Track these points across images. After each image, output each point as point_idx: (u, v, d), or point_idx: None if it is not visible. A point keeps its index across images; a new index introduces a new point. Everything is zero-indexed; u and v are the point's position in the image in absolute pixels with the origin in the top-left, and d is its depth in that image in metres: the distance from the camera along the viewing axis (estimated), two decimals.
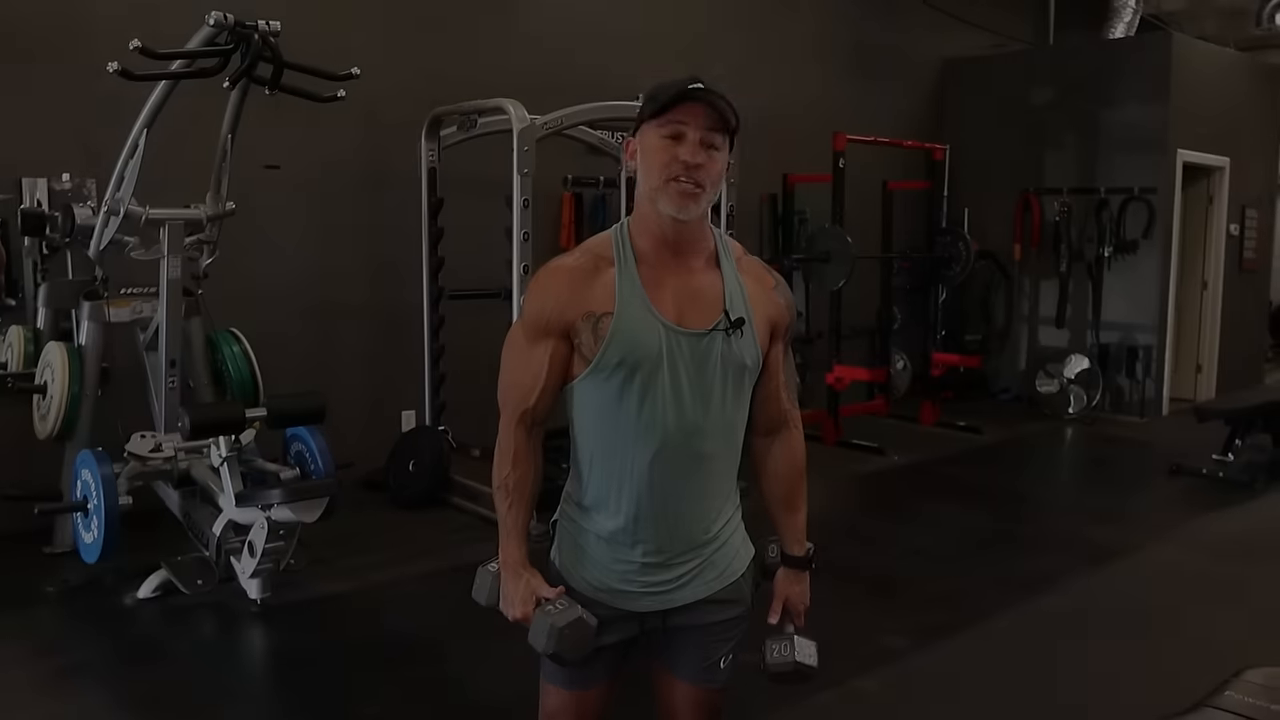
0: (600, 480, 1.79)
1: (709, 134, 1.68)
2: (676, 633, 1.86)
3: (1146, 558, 4.81)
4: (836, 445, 6.99)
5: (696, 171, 1.68)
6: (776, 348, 1.86)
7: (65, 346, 4.41)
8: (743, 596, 1.90)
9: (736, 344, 1.76)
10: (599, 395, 1.74)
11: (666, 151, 1.69)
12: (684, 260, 1.76)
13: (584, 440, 1.80)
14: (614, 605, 1.81)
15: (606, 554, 1.80)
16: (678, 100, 1.67)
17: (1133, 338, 8.16)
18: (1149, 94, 7.95)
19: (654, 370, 1.71)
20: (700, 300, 1.75)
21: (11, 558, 4.44)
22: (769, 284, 1.84)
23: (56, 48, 4.70)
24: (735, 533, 1.90)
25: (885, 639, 3.77)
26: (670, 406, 1.72)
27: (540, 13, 6.39)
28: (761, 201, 7.72)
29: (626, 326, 1.70)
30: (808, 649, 1.92)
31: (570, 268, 1.75)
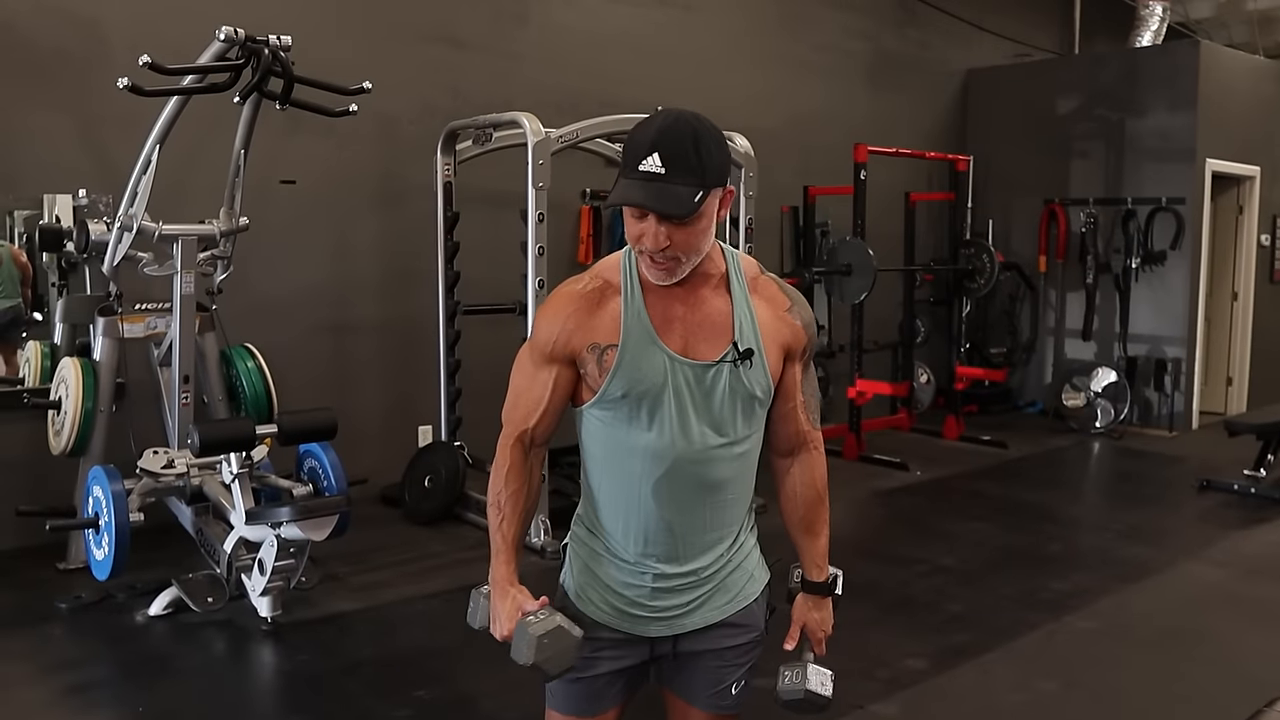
0: (609, 504, 1.76)
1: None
2: (687, 658, 1.82)
3: (1176, 576, 4.69)
4: (858, 460, 6.90)
5: (664, 252, 1.61)
6: (793, 369, 1.80)
7: (79, 362, 4.40)
8: (756, 621, 1.85)
9: (745, 375, 1.70)
10: (606, 423, 1.71)
11: (634, 226, 1.62)
12: (692, 288, 1.71)
13: (593, 465, 1.77)
14: (624, 629, 1.77)
15: (617, 577, 1.77)
16: (626, 199, 1.58)
17: (1161, 350, 8.02)
18: (1177, 103, 7.84)
19: (659, 401, 1.67)
20: (708, 329, 1.70)
21: (26, 573, 4.44)
22: (783, 306, 1.77)
23: (76, 64, 4.72)
24: (749, 557, 1.85)
25: (906, 661, 3.68)
26: (677, 436, 1.68)
27: (557, 26, 6.36)
28: (782, 214, 7.66)
29: (631, 360, 1.66)
30: (822, 678, 1.85)
31: (578, 295, 1.71)
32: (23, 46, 4.62)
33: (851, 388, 6.97)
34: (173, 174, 4.57)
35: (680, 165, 1.56)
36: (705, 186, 1.58)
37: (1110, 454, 7.47)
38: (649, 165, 1.56)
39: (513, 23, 6.20)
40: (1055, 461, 7.21)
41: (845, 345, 7.30)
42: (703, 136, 1.58)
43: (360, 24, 5.59)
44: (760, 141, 5.83)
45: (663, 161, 1.56)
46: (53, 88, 4.70)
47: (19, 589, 4.29)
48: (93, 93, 4.66)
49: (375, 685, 3.45)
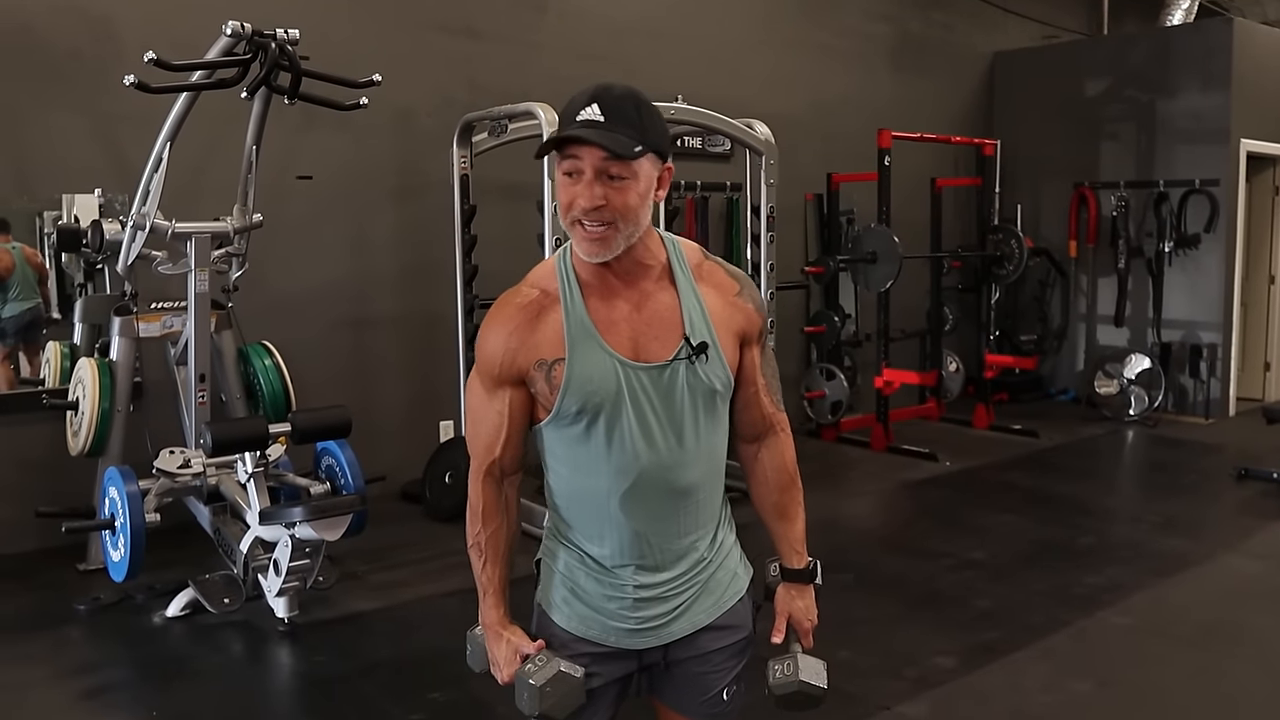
0: (579, 520, 1.68)
1: (606, 164, 1.50)
2: (677, 666, 1.74)
3: (1214, 570, 4.56)
4: (886, 451, 6.80)
5: (598, 213, 1.51)
6: (751, 354, 1.71)
7: (96, 362, 4.38)
8: (743, 621, 1.77)
9: (702, 369, 1.61)
10: (565, 439, 1.63)
11: (566, 191, 1.53)
12: (633, 284, 1.61)
13: (558, 482, 1.69)
14: (608, 643, 1.69)
15: (596, 591, 1.68)
16: (563, 140, 1.51)
17: (1196, 335, 7.85)
18: (1210, 82, 7.66)
19: (616, 411, 1.58)
20: (657, 327, 1.61)
21: (47, 574, 4.44)
22: (731, 290, 1.68)
23: (90, 63, 4.70)
24: (730, 555, 1.77)
25: (934, 659, 3.59)
26: (640, 445, 1.59)
27: (575, 13, 6.29)
28: (806, 201, 7.55)
29: (580, 372, 1.57)
30: (814, 668, 1.77)
31: (517, 309, 1.62)
32: (39, 48, 4.60)
33: (879, 377, 6.87)
34: (186, 172, 4.55)
35: (619, 117, 1.50)
36: (645, 143, 1.51)
37: (1145, 443, 7.32)
38: (587, 114, 1.49)
39: (531, 11, 6.13)
40: (1088, 451, 7.07)
41: (872, 334, 7.20)
42: (643, 102, 1.53)
43: (376, 15, 5.54)
44: (781, 128, 5.74)
45: (602, 112, 1.49)
46: (69, 88, 4.68)
47: (39, 590, 4.28)
48: (107, 92, 4.62)
49: (391, 687, 3.41)
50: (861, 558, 4.65)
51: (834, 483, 6.14)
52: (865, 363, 7.35)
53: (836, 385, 7.04)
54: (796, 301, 7.37)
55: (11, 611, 4.07)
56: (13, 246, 4.72)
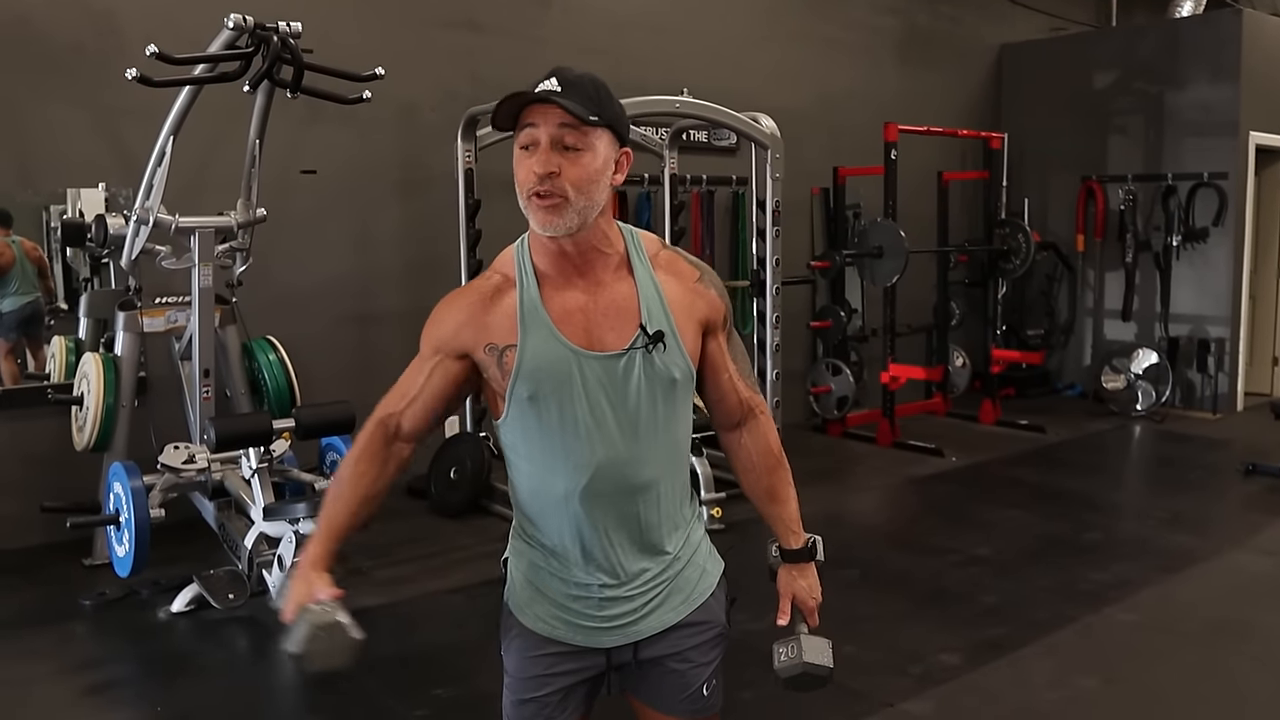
0: (540, 518, 1.66)
1: (561, 132, 1.50)
2: (650, 664, 1.72)
3: (1222, 566, 4.54)
4: (892, 446, 6.77)
5: (551, 180, 1.50)
6: (716, 341, 1.70)
7: (100, 357, 4.38)
8: (715, 616, 1.75)
9: (660, 359, 1.59)
10: (521, 433, 1.61)
11: (522, 165, 1.53)
12: (591, 274, 1.60)
13: (518, 479, 1.67)
14: (576, 642, 1.68)
15: (561, 590, 1.67)
16: (517, 106, 1.51)
17: (1204, 330, 7.82)
18: (1219, 74, 7.61)
19: (570, 402, 1.57)
20: (613, 317, 1.59)
21: (53, 569, 4.44)
22: (691, 277, 1.67)
23: (92, 57, 4.69)
24: (698, 550, 1.75)
25: (939, 655, 3.57)
26: (594, 438, 1.58)
27: (577, 8, 6.27)
28: (812, 195, 7.53)
29: (531, 357, 1.56)
30: (819, 648, 1.75)
31: (472, 290, 1.63)
32: (39, 41, 4.60)
33: (885, 372, 6.85)
34: (190, 166, 4.54)
35: (576, 91, 1.51)
36: (601, 116, 1.51)
37: (1152, 438, 7.28)
38: (545, 86, 1.50)
39: (534, 5, 6.11)
40: (1095, 446, 7.04)
41: (878, 329, 7.17)
42: (600, 83, 1.54)
43: (379, 9, 5.53)
44: (787, 122, 5.71)
45: (560, 84, 1.50)
46: (71, 81, 4.68)
47: (45, 585, 4.29)
48: (110, 85, 4.60)
49: (395, 683, 3.40)
50: (867, 553, 4.63)
51: (839, 478, 6.13)
52: (871, 358, 7.33)
53: (842, 380, 7.02)
54: (802, 296, 7.35)
55: (16, 606, 4.08)
56: (13, 240, 4.72)
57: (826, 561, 1.85)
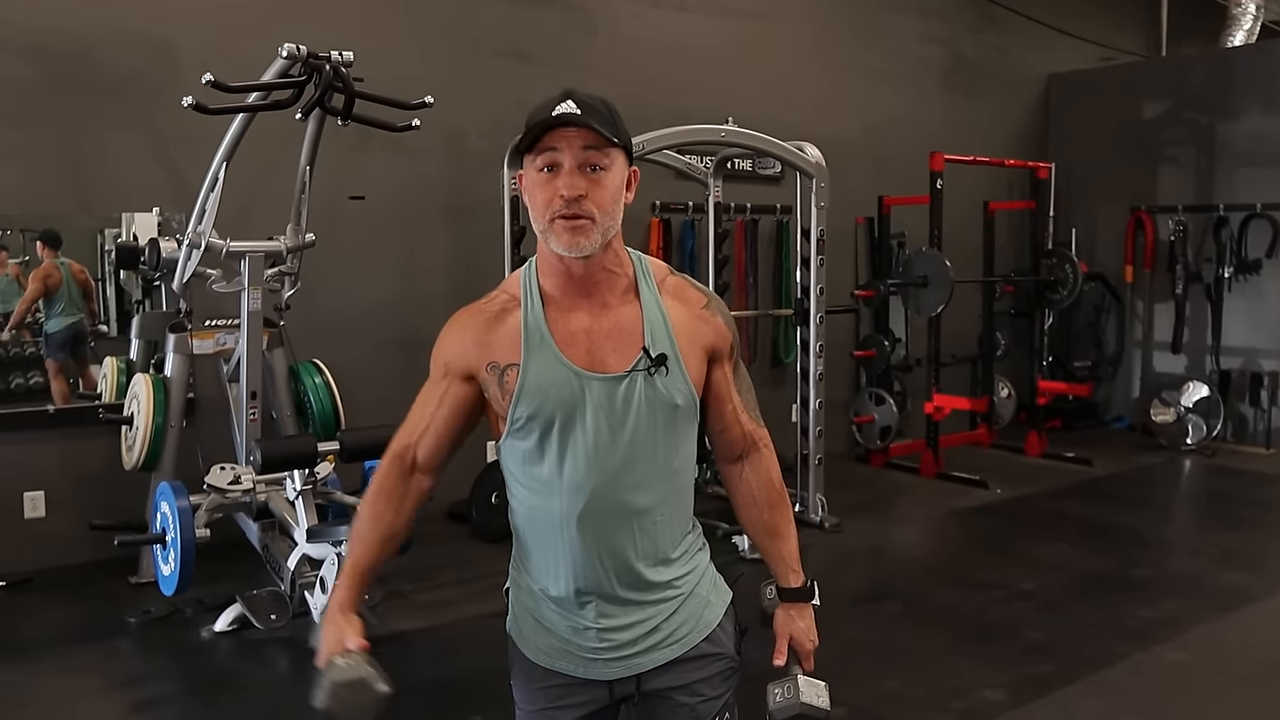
0: (536, 545, 1.65)
1: (586, 154, 1.51)
2: (656, 698, 1.69)
3: (1276, 605, 4.43)
4: (935, 478, 6.70)
5: (579, 203, 1.50)
6: (722, 370, 1.68)
7: (151, 378, 4.45)
8: (725, 648, 1.71)
9: (662, 383, 1.58)
10: (520, 454, 1.61)
11: (545, 188, 1.52)
12: (598, 297, 1.60)
13: (516, 503, 1.67)
14: (575, 675, 1.66)
15: (560, 620, 1.65)
16: (543, 129, 1.51)
17: (1256, 363, 7.67)
18: (1272, 104, 7.51)
19: (570, 423, 1.56)
20: (617, 339, 1.59)
21: (100, 586, 4.51)
22: (698, 303, 1.66)
23: (150, 85, 4.80)
24: (702, 580, 1.71)
25: (984, 692, 3.51)
26: (592, 461, 1.56)
27: (624, 37, 6.31)
28: (857, 225, 7.50)
29: (533, 377, 1.56)
30: (815, 689, 1.72)
31: (477, 310, 1.64)
32: (100, 70, 4.71)
33: (929, 402, 6.78)
34: (241, 191, 4.62)
35: (595, 113, 1.52)
36: (619, 139, 1.54)
37: (1202, 472, 7.14)
38: (564, 109, 1.51)
39: (581, 35, 6.17)
40: (1143, 480, 6.92)
41: (922, 359, 7.12)
42: (611, 104, 1.56)
43: (428, 38, 5.61)
44: (832, 151, 5.71)
45: (577, 105, 1.51)
46: (128, 109, 4.79)
47: (91, 602, 4.35)
48: (166, 112, 4.71)
49: (433, 707, 3.40)
50: (910, 586, 4.57)
51: (882, 509, 6.06)
52: (915, 388, 7.26)
53: (886, 410, 6.96)
54: (846, 326, 7.31)
55: (64, 622, 4.15)
56: (60, 262, 4.82)
57: (868, 595, 1.84)
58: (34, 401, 4.74)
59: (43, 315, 4.82)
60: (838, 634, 1.81)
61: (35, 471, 4.70)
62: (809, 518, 5.44)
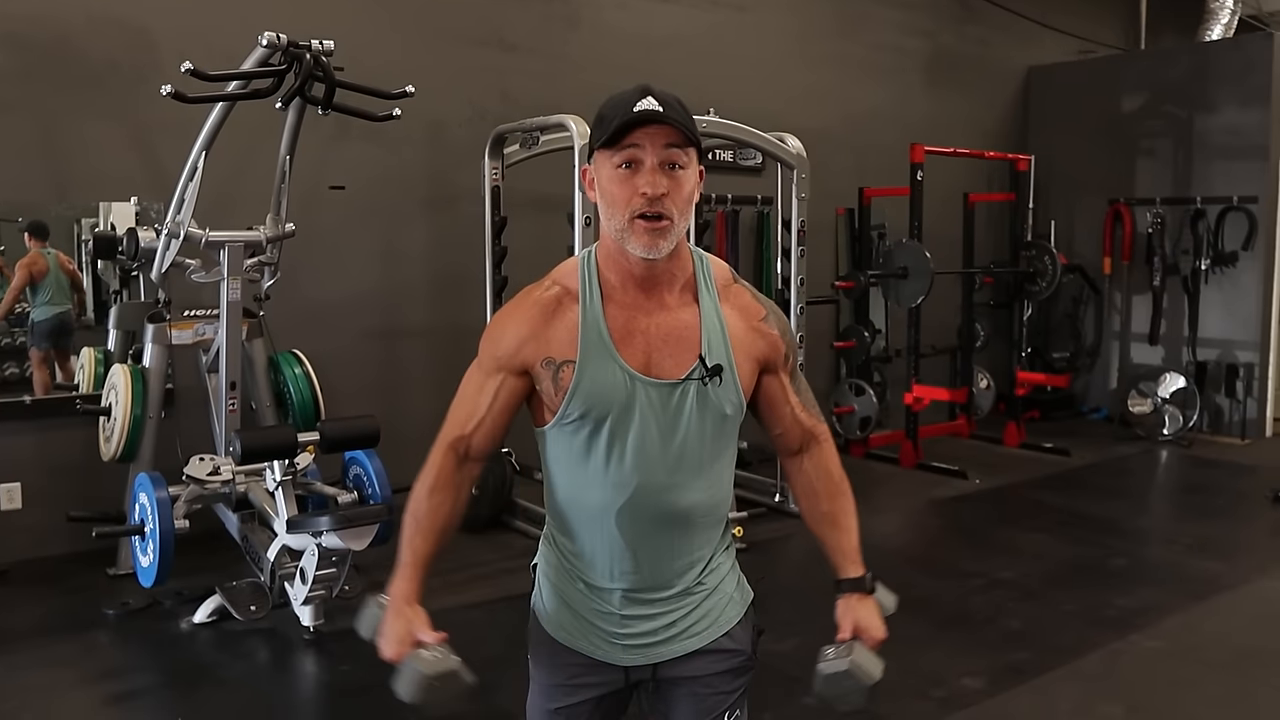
0: (573, 529, 1.66)
1: (668, 153, 1.51)
2: (670, 687, 1.71)
3: (1250, 594, 4.48)
4: (915, 468, 6.74)
5: (660, 202, 1.50)
6: (776, 380, 1.69)
7: (128, 369, 4.43)
8: (741, 646, 1.73)
9: (714, 392, 1.59)
10: (565, 446, 1.61)
11: (624, 185, 1.51)
12: (657, 296, 1.60)
13: (556, 490, 1.67)
14: (594, 656, 1.68)
15: (585, 603, 1.67)
16: (628, 127, 1.50)
17: (1233, 355, 7.74)
18: (1249, 98, 7.56)
19: (620, 423, 1.56)
20: (673, 344, 1.59)
21: (78, 578, 4.48)
22: (756, 315, 1.66)
23: (127, 73, 4.76)
24: (726, 578, 1.73)
25: (962, 679, 3.55)
26: (639, 461, 1.57)
27: (608, 28, 6.30)
28: (837, 216, 7.52)
29: (589, 378, 1.56)
30: (870, 659, 1.68)
31: (534, 302, 1.61)
32: (76, 58, 4.67)
33: (908, 393, 6.82)
34: (221, 181, 4.59)
35: (675, 111, 1.51)
36: (697, 138, 1.54)
37: (1179, 463, 7.21)
38: (645, 105, 1.49)
39: (563, 25, 6.15)
40: (1121, 470, 6.98)
41: (902, 350, 7.15)
42: (684, 104, 1.54)
43: (410, 28, 5.58)
44: (813, 142, 5.72)
45: (658, 103, 1.50)
46: (106, 97, 4.74)
47: (69, 594, 4.32)
48: (144, 101, 4.68)
49: None
50: (889, 576, 4.52)
51: (862, 499, 5.96)
52: (895, 379, 7.29)
53: (866, 401, 6.99)
54: (826, 316, 7.34)
55: (42, 614, 4.12)
56: (47, 252, 4.79)
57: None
58: (10, 392, 4.71)
59: (29, 304, 4.78)
60: (816, 623, 1.82)
61: (11, 463, 4.67)
62: (788, 507, 5.46)
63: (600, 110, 1.55)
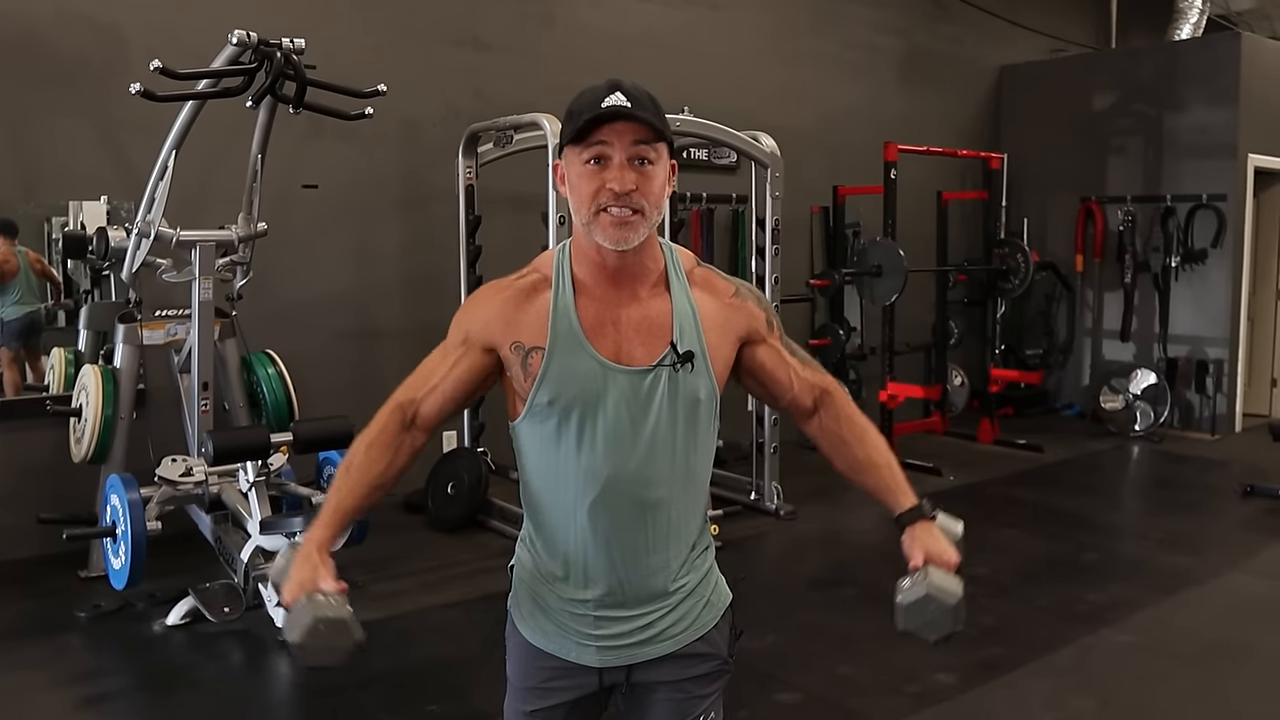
0: (546, 527, 1.65)
1: (637, 149, 1.51)
2: (645, 691, 1.70)
3: (1219, 588, 4.54)
4: None
5: (629, 198, 1.50)
6: (765, 348, 1.69)
7: (99, 369, 4.39)
8: (718, 649, 1.72)
9: (686, 379, 1.58)
10: (536, 438, 1.60)
11: (592, 180, 1.52)
12: (628, 288, 1.59)
13: (528, 487, 1.66)
14: (568, 659, 1.66)
15: (560, 604, 1.65)
16: (595, 123, 1.50)
17: (1202, 351, 7.83)
18: (1217, 97, 7.64)
19: (590, 412, 1.56)
20: (645, 332, 1.59)
21: (48, 580, 4.44)
22: (727, 293, 1.66)
23: (97, 70, 4.72)
24: (704, 579, 1.71)
25: (935, 675, 3.56)
26: (609, 452, 1.56)
27: (582, 26, 6.30)
28: (812, 214, 7.55)
29: (558, 364, 1.55)
30: (947, 578, 1.62)
31: (507, 286, 1.62)
32: (45, 54, 4.62)
33: (883, 391, 6.84)
34: (192, 180, 4.56)
35: (643, 106, 1.51)
36: (666, 133, 1.53)
37: (1150, 458, 7.29)
38: (614, 100, 1.49)
39: (537, 24, 6.14)
40: (1093, 466, 7.05)
41: (876, 347, 7.18)
42: (655, 98, 1.54)
43: (383, 27, 5.56)
44: (788, 141, 5.74)
45: (626, 98, 1.50)
46: (75, 94, 4.70)
47: (40, 597, 4.28)
48: (113, 99, 4.63)
49: (389, 699, 3.39)
50: (863, 572, 4.61)
51: (837, 496, 6.10)
52: (870, 376, 7.33)
53: None
54: (801, 314, 7.37)
55: (12, 617, 4.07)
56: (18, 250, 4.74)
57: (822, 581, 1.84)
58: None
59: None
60: (792, 620, 1.82)
61: None
62: (764, 505, 5.48)
63: (570, 105, 1.54)
